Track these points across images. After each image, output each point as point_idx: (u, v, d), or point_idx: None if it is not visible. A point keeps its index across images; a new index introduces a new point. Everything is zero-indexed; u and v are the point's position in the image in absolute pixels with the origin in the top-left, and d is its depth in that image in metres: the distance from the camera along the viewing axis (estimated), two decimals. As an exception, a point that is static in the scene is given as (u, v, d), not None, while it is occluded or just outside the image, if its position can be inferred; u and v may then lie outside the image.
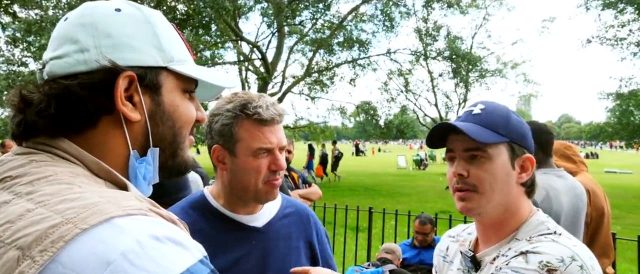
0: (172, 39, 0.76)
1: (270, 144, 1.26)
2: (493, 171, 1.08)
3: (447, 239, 1.36)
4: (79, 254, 0.50)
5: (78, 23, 0.69)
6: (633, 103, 17.73)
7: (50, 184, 0.58)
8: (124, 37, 0.70)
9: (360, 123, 23.96)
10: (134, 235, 0.52)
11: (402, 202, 12.39)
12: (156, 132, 0.73)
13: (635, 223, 9.77)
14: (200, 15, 14.13)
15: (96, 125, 0.68)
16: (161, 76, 0.73)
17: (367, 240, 5.66)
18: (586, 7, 18.08)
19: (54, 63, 0.68)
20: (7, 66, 13.30)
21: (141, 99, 0.70)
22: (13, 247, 0.51)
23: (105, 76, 0.66)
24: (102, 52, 0.67)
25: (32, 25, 12.05)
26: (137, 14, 0.73)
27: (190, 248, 0.56)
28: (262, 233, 1.33)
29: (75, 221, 0.52)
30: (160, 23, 0.75)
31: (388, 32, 20.36)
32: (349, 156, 41.81)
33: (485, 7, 22.47)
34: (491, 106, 1.13)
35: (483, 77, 22.85)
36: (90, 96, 0.66)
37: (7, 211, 0.55)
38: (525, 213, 1.13)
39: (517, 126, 1.11)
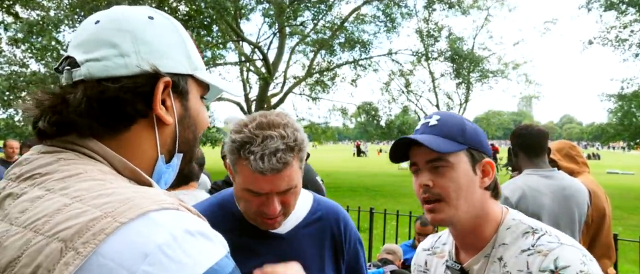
0: (193, 47, 0.80)
1: (260, 189, 1.13)
2: (456, 179, 1.11)
3: (423, 254, 1.37)
4: (118, 246, 0.52)
5: (114, 28, 0.71)
6: (635, 104, 17.69)
7: (83, 181, 0.60)
8: (160, 45, 0.73)
9: (362, 124, 23.95)
10: (169, 229, 0.55)
11: (403, 203, 12.38)
12: (183, 136, 0.77)
13: (637, 224, 9.74)
14: (202, 16, 14.15)
15: (130, 127, 0.70)
16: (189, 82, 0.77)
17: (368, 241, 5.65)
18: (588, 8, 18.06)
19: (92, 65, 0.69)
20: (8, 67, 13.32)
21: (173, 104, 0.74)
22: (55, 239, 0.52)
23: (145, 81, 0.70)
24: (142, 57, 0.70)
25: (34, 25, 12.08)
26: (167, 23, 0.77)
27: (218, 243, 0.60)
28: (285, 241, 1.26)
29: (113, 214, 0.54)
30: (183, 31, 0.79)
31: (389, 33, 20.39)
32: (350, 157, 41.79)
33: (487, 8, 22.47)
34: (446, 116, 1.17)
35: (484, 78, 22.84)
36: (131, 99, 0.69)
37: (42, 206, 0.57)
38: (497, 215, 1.16)
39: (473, 133, 1.15)
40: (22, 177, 0.64)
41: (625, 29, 17.66)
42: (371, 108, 22.15)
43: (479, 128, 1.19)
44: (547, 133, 2.60)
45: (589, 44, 18.73)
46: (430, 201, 1.14)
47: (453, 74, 22.15)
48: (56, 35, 13.18)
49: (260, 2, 19.21)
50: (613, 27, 17.89)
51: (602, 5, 17.62)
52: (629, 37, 17.70)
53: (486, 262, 1.12)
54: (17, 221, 0.57)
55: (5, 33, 13.30)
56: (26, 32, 12.17)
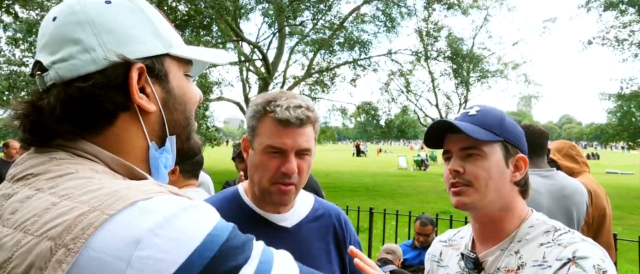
0: (163, 24, 0.75)
1: (283, 144, 1.20)
2: (488, 168, 1.12)
3: (439, 245, 1.38)
4: (109, 237, 0.52)
5: (72, 21, 0.67)
6: (634, 104, 17.70)
7: (72, 179, 0.60)
8: (124, 30, 0.68)
9: (361, 123, 23.96)
10: (159, 212, 0.55)
11: (403, 202, 12.38)
12: (171, 119, 0.74)
13: (636, 224, 9.75)
14: (201, 16, 14.15)
15: (113, 122, 0.68)
16: (166, 62, 0.73)
17: (368, 241, 5.65)
18: (587, 7, 18.07)
19: (59, 67, 0.66)
20: (7, 66, 13.32)
21: (152, 89, 0.70)
22: (44, 238, 0.52)
23: (117, 72, 0.66)
24: (108, 48, 0.66)
25: (33, 25, 12.07)
26: (127, 3, 0.71)
27: (207, 211, 0.59)
28: (291, 234, 1.30)
29: (101, 208, 0.54)
30: (149, 8, 0.74)
31: (389, 33, 20.40)
32: (349, 157, 41.79)
33: (486, 8, 22.48)
34: (486, 108, 1.19)
35: (484, 78, 22.85)
36: (107, 95, 0.65)
37: (32, 205, 0.56)
38: (522, 213, 1.17)
39: (511, 128, 1.17)
40: (16, 178, 0.63)
41: (625, 28, 17.67)
42: (371, 108, 22.16)
43: (518, 125, 1.21)
44: (547, 133, 2.61)
45: (589, 44, 18.74)
46: (457, 185, 1.14)
47: (452, 74, 22.15)
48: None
49: (260, 1, 19.22)
50: (612, 27, 17.91)
51: (602, 4, 17.63)
52: (628, 37, 17.71)
53: (502, 255, 1.13)
54: (8, 222, 0.56)
55: (5, 33, 13.30)
56: (26, 31, 12.17)
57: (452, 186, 1.16)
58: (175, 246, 0.53)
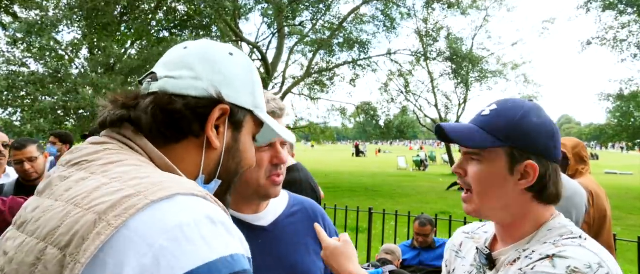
0: (260, 89, 0.88)
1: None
2: (485, 175, 1.08)
3: (462, 235, 1.34)
4: (145, 221, 0.57)
5: (197, 55, 0.80)
6: (634, 105, 17.72)
7: (122, 166, 0.67)
8: (232, 78, 0.81)
9: (361, 124, 23.96)
10: (193, 212, 0.60)
11: (402, 203, 12.39)
12: (226, 164, 0.82)
13: (635, 224, 9.76)
14: (201, 16, 14.14)
15: (181, 141, 0.77)
16: (246, 117, 0.84)
17: (367, 241, 5.65)
18: (587, 8, 18.08)
19: (168, 81, 0.77)
20: (7, 67, 13.30)
21: (225, 131, 0.80)
22: (91, 211, 0.58)
23: (207, 103, 0.77)
24: (211, 84, 0.78)
25: (33, 26, 12.05)
26: (244, 61, 0.86)
27: (237, 240, 0.63)
28: (269, 232, 1.32)
29: (145, 193, 0.60)
30: (256, 71, 0.88)
31: (388, 33, 20.39)
32: (349, 157, 41.78)
33: (486, 8, 22.48)
34: (503, 108, 1.10)
35: (483, 78, 22.85)
36: (188, 116, 0.75)
37: (84, 185, 0.64)
38: (541, 218, 1.10)
39: (526, 131, 1.07)
40: (71, 163, 0.71)
41: (624, 29, 17.68)
42: (370, 108, 22.15)
43: (544, 125, 1.08)
44: None
45: (588, 44, 18.75)
46: (465, 190, 1.13)
47: (452, 75, 22.15)
48: (55, 35, 13.16)
49: (259, 2, 19.19)
50: (611, 28, 17.92)
51: (601, 5, 17.64)
52: (627, 37, 17.73)
53: (515, 255, 1.09)
54: (62, 197, 0.64)
55: (5, 33, 13.28)
56: (25, 32, 12.15)
57: (461, 188, 1.16)
58: (192, 250, 0.56)
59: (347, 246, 1.32)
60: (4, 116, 13.16)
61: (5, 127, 12.17)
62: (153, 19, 15.19)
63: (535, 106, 1.12)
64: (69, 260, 0.56)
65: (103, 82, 12.01)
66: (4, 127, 12.18)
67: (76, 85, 12.33)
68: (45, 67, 13.01)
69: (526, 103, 1.11)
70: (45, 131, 11.43)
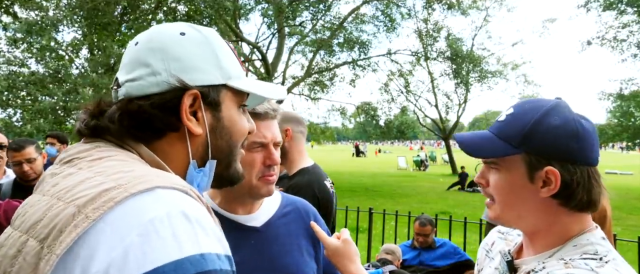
0: (228, 56, 0.83)
1: (264, 138, 1.26)
2: (503, 183, 1.03)
3: (495, 234, 1.29)
4: (121, 214, 0.58)
5: (148, 48, 0.77)
6: (634, 105, 17.71)
7: (108, 161, 0.68)
8: (190, 59, 0.77)
9: (361, 124, 23.95)
10: (167, 207, 0.59)
11: (402, 203, 12.39)
12: (215, 145, 0.80)
13: (635, 224, 9.76)
14: (201, 16, 14.14)
15: (162, 137, 0.76)
16: (221, 92, 0.80)
17: (367, 241, 5.65)
18: (587, 8, 18.08)
19: (130, 85, 0.76)
20: (7, 67, 13.29)
21: (203, 114, 0.78)
22: (71, 205, 0.59)
23: (173, 95, 0.74)
24: (172, 73, 0.75)
25: (33, 26, 12.05)
26: (198, 36, 0.80)
27: (213, 239, 0.61)
28: (261, 233, 1.32)
29: (126, 186, 0.60)
30: (217, 41, 0.83)
31: (388, 33, 20.39)
32: (349, 157, 41.77)
33: (486, 8, 22.48)
34: (521, 111, 1.03)
35: (483, 78, 22.85)
36: (160, 115, 0.74)
37: (70, 179, 0.65)
38: (569, 229, 1.02)
39: (543, 135, 0.98)
40: (63, 161, 0.72)
41: (624, 28, 17.68)
42: (370, 108, 22.15)
43: (566, 125, 0.98)
44: None
45: (588, 44, 18.75)
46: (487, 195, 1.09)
47: (452, 75, 22.15)
48: (55, 35, 13.16)
49: (259, 2, 19.19)
50: (611, 27, 17.92)
51: (601, 5, 17.63)
52: (627, 37, 17.72)
53: (532, 266, 1.03)
54: (48, 192, 0.65)
55: (5, 33, 13.28)
56: (25, 32, 12.15)
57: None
58: (160, 246, 0.55)
59: (348, 246, 1.30)
60: (3, 116, 13.16)
61: (5, 127, 12.17)
62: (153, 19, 15.16)
63: (559, 104, 1.02)
64: (46, 252, 0.57)
65: (103, 82, 11.99)
66: (4, 127, 12.18)
67: (76, 85, 12.33)
68: (46, 67, 13.01)
69: (546, 103, 1.02)
70: (45, 131, 11.43)
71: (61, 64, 13.05)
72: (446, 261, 4.20)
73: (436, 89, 24.25)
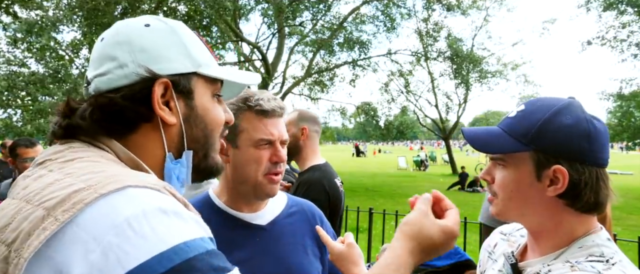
0: (196, 45, 0.83)
1: (271, 135, 1.28)
2: (509, 180, 1.02)
3: (498, 236, 1.28)
4: (93, 216, 0.57)
5: (114, 42, 0.77)
6: (634, 104, 17.71)
7: (80, 162, 0.67)
8: (156, 49, 0.77)
9: (361, 124, 23.95)
10: (142, 204, 0.58)
11: (402, 203, 12.38)
12: (190, 134, 0.80)
13: (636, 224, 9.76)
14: (201, 16, 14.13)
15: (135, 129, 0.75)
16: (192, 81, 0.80)
17: (367, 241, 5.65)
18: (587, 8, 18.07)
19: (99, 80, 0.76)
20: (7, 67, 13.29)
21: (176, 103, 0.77)
22: (40, 208, 0.58)
23: (143, 86, 0.74)
24: (139, 64, 0.75)
25: (33, 25, 12.04)
26: (164, 26, 0.80)
27: (193, 224, 0.61)
28: (267, 231, 1.32)
29: (96, 187, 0.59)
30: (184, 32, 0.82)
31: (388, 33, 20.38)
32: (349, 157, 41.77)
33: (486, 8, 22.48)
34: (531, 109, 1.02)
35: (484, 78, 22.84)
36: (131, 106, 0.74)
37: (39, 182, 0.64)
38: (574, 231, 1.00)
39: (553, 133, 0.97)
40: (37, 163, 0.72)
41: (624, 28, 17.67)
42: (370, 108, 22.15)
43: (578, 125, 0.97)
44: None
45: (588, 44, 18.74)
46: (491, 194, 1.09)
47: (452, 75, 22.14)
48: (55, 35, 13.16)
49: (259, 2, 19.18)
50: (611, 27, 17.91)
51: (601, 5, 17.63)
52: (627, 37, 17.72)
53: (537, 269, 1.02)
54: (18, 195, 0.64)
55: (4, 33, 13.28)
56: (25, 32, 12.15)
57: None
58: (141, 243, 0.55)
59: (352, 250, 1.29)
60: (4, 116, 13.16)
61: (5, 127, 12.17)
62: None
63: (572, 103, 1.01)
64: (13, 255, 0.56)
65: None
66: (4, 127, 12.19)
67: (76, 85, 12.32)
68: (46, 67, 13.01)
69: (558, 102, 1.01)
70: (45, 131, 11.43)
71: (61, 64, 13.05)
72: (446, 261, 4.19)
73: (436, 89, 24.26)
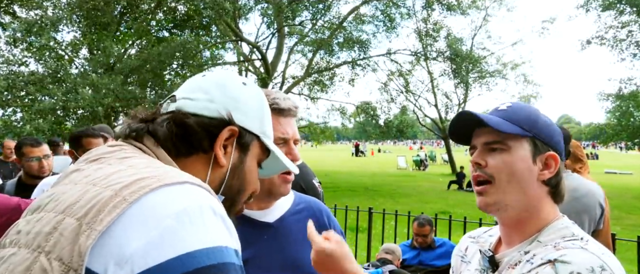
0: (268, 118, 0.96)
1: (286, 134, 1.28)
2: (511, 163, 1.08)
3: (467, 240, 1.35)
4: (156, 200, 0.63)
5: (213, 81, 0.89)
6: (633, 104, 17.72)
7: (137, 159, 0.75)
8: (244, 104, 0.89)
9: (360, 124, 23.94)
10: (199, 200, 0.65)
11: (402, 202, 12.40)
12: (229, 183, 0.88)
13: (635, 224, 9.78)
14: (201, 16, 14.14)
15: (190, 155, 0.83)
16: (253, 142, 0.90)
17: (366, 241, 5.66)
18: (586, 8, 18.08)
19: (185, 102, 0.86)
20: (7, 66, 13.28)
21: (232, 151, 0.87)
22: (108, 189, 0.65)
23: (218, 123, 0.84)
24: (224, 106, 0.85)
25: (32, 25, 12.04)
26: (257, 91, 0.95)
27: (234, 236, 0.68)
28: (274, 228, 1.32)
29: (158, 178, 0.66)
30: (267, 105, 0.96)
31: (388, 33, 20.38)
32: (348, 157, 41.78)
33: (485, 8, 22.48)
34: (519, 105, 1.15)
35: (483, 78, 22.85)
36: (200, 133, 0.83)
37: (102, 171, 0.70)
38: (548, 216, 1.10)
39: (545, 126, 1.11)
40: (89, 160, 0.77)
41: (623, 28, 17.68)
42: (370, 108, 22.14)
43: (555, 125, 1.15)
44: (569, 134, 2.58)
45: (587, 43, 18.75)
46: (480, 183, 1.11)
47: (452, 74, 22.14)
48: (54, 34, 13.15)
49: (259, 2, 19.18)
50: (611, 27, 17.92)
51: (601, 5, 17.63)
52: (626, 37, 17.73)
53: (518, 257, 1.08)
54: (81, 181, 0.69)
55: (4, 33, 13.26)
56: (25, 31, 12.14)
57: (475, 183, 1.13)
58: (195, 233, 0.61)
59: (344, 247, 1.23)
60: (3, 117, 13.15)
61: (5, 127, 12.17)
62: (153, 18, 15.17)
63: None
64: (85, 228, 0.60)
65: (103, 83, 11.99)
66: (4, 127, 12.18)
67: (76, 85, 12.32)
68: (45, 67, 13.01)
69: (532, 106, 1.17)
70: (44, 131, 11.43)
71: (61, 63, 13.04)
72: (446, 261, 4.20)
73: (436, 89, 24.27)
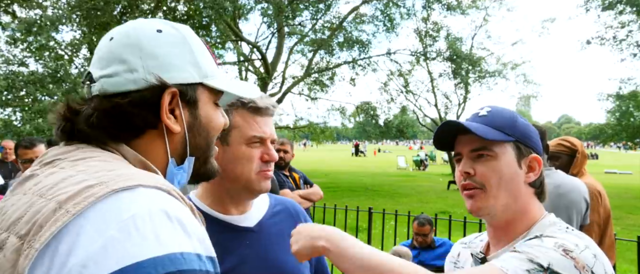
0: (204, 55, 0.84)
1: (263, 133, 1.27)
2: (499, 169, 1.10)
3: (459, 246, 1.38)
4: (102, 210, 0.58)
5: (124, 43, 0.77)
6: (633, 104, 17.72)
7: (91, 161, 0.69)
8: (167, 57, 0.78)
9: (360, 123, 23.93)
10: (149, 205, 0.59)
11: (402, 202, 12.39)
12: (193, 142, 0.82)
13: (635, 224, 9.77)
14: (201, 16, 14.12)
15: (141, 135, 0.76)
16: (198, 91, 0.81)
17: (366, 241, 5.65)
18: (586, 8, 18.07)
19: (105, 81, 0.75)
20: (6, 66, 13.27)
21: (182, 113, 0.79)
22: (53, 201, 0.60)
23: (152, 93, 0.75)
24: (149, 71, 0.75)
25: (32, 25, 12.03)
26: (175, 34, 0.81)
27: (195, 240, 0.61)
28: (255, 233, 1.31)
29: (108, 183, 0.61)
30: (194, 40, 0.83)
31: (388, 33, 20.36)
32: (348, 157, 41.78)
33: (485, 8, 22.46)
34: (497, 109, 1.17)
35: (483, 78, 22.83)
36: (139, 113, 0.74)
37: (51, 178, 0.65)
38: (536, 215, 1.13)
39: (523, 128, 1.14)
40: (44, 162, 0.72)
41: (623, 28, 17.67)
42: (370, 108, 22.12)
43: (530, 125, 1.18)
44: (545, 131, 2.61)
45: (587, 43, 18.74)
46: (469, 188, 1.13)
47: (451, 74, 22.13)
48: (54, 34, 13.14)
49: (259, 1, 19.16)
50: (610, 27, 17.91)
51: (600, 5, 17.63)
52: (626, 36, 17.72)
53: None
54: (29, 191, 0.65)
55: (3, 32, 13.25)
56: (24, 31, 12.13)
57: (464, 188, 1.14)
58: (140, 243, 0.55)
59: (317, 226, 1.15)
60: (3, 116, 13.15)
61: (5, 127, 12.16)
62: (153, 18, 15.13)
63: None
64: (25, 247, 0.57)
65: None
66: (4, 127, 12.17)
67: (76, 85, 12.31)
68: (45, 66, 12.99)
69: (507, 108, 1.21)
70: (44, 131, 11.42)
71: (60, 63, 13.03)
72: (446, 261, 4.20)
73: (436, 89, 24.24)
